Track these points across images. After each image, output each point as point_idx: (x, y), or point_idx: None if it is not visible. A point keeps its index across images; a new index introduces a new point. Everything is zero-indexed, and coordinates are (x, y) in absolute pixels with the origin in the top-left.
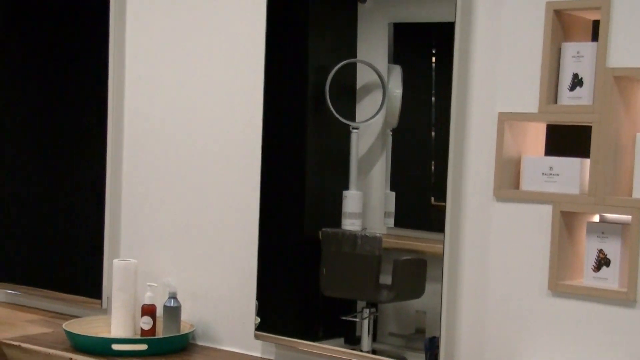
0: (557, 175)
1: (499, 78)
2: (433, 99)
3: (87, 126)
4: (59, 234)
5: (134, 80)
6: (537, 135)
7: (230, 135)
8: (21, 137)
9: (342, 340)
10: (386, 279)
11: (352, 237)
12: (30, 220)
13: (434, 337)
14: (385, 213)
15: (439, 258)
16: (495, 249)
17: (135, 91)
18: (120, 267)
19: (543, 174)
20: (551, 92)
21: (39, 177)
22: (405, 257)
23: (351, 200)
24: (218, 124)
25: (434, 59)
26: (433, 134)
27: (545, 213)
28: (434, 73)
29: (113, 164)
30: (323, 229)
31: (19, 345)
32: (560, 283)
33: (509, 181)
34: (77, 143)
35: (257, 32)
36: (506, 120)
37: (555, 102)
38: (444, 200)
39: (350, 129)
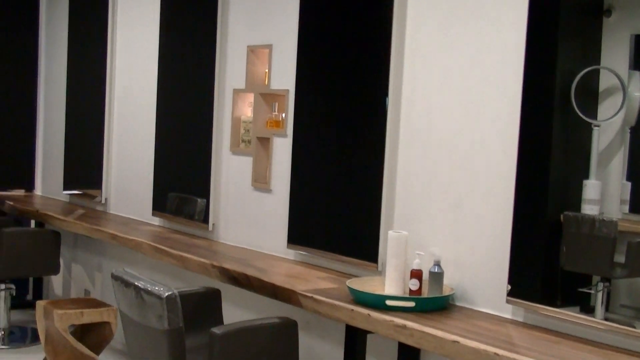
0: None
1: None
2: None
3: (370, 118)
4: (346, 209)
5: (409, 77)
6: None
7: (492, 129)
8: (320, 128)
9: (577, 308)
10: (620, 257)
11: (591, 220)
12: (324, 198)
13: None
14: (621, 200)
15: None
16: None
17: (410, 87)
18: (393, 238)
19: None
20: None
21: (332, 165)
22: (638, 239)
23: (591, 188)
24: (482, 118)
25: None
26: None
27: None
28: None
29: (390, 154)
30: (565, 213)
31: (312, 297)
32: None
33: None
34: (362, 134)
35: (518, 43)
36: None
37: None
38: None
39: (592, 126)
